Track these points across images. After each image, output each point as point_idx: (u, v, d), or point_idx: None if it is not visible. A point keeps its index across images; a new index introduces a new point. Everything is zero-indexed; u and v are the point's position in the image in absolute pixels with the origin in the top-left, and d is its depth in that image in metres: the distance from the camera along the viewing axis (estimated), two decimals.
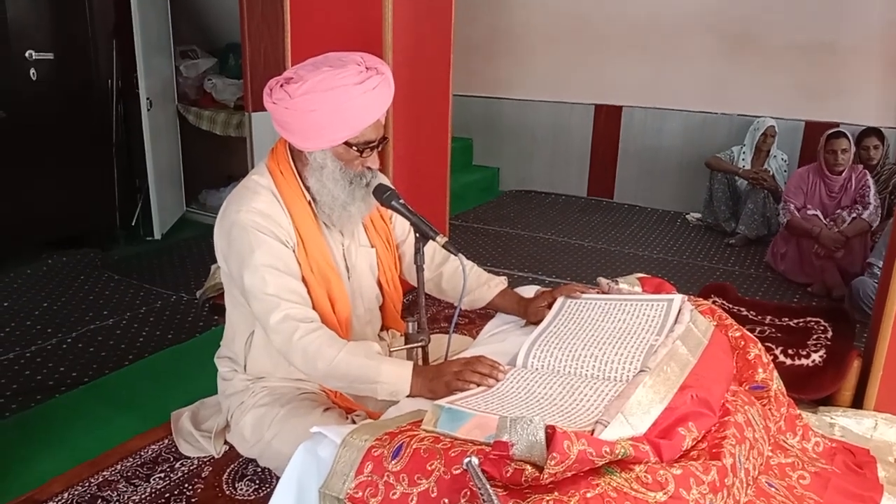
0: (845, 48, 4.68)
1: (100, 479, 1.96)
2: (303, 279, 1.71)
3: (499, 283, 1.99)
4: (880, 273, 2.40)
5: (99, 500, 1.88)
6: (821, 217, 3.95)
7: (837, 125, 4.24)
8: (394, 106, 1.75)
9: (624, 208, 5.50)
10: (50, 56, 3.65)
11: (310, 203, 1.75)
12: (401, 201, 1.71)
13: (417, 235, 1.68)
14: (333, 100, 1.59)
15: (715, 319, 1.81)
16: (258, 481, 1.92)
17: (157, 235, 4.30)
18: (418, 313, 1.73)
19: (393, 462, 1.21)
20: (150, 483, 1.94)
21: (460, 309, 1.75)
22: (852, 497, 1.61)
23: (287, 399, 1.81)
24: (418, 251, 1.69)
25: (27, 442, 2.16)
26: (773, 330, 2.80)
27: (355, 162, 1.70)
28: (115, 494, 1.90)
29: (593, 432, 1.23)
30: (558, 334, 1.67)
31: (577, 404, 1.38)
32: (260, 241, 1.65)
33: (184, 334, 3.00)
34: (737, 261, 4.33)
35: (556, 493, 1.08)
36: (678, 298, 1.73)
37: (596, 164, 5.69)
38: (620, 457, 1.14)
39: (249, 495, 1.88)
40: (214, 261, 1.84)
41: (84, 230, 4.02)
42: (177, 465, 2.01)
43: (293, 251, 1.70)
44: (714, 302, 2.84)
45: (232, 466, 1.97)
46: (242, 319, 1.84)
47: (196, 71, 4.71)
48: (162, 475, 1.98)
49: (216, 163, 4.79)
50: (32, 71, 3.59)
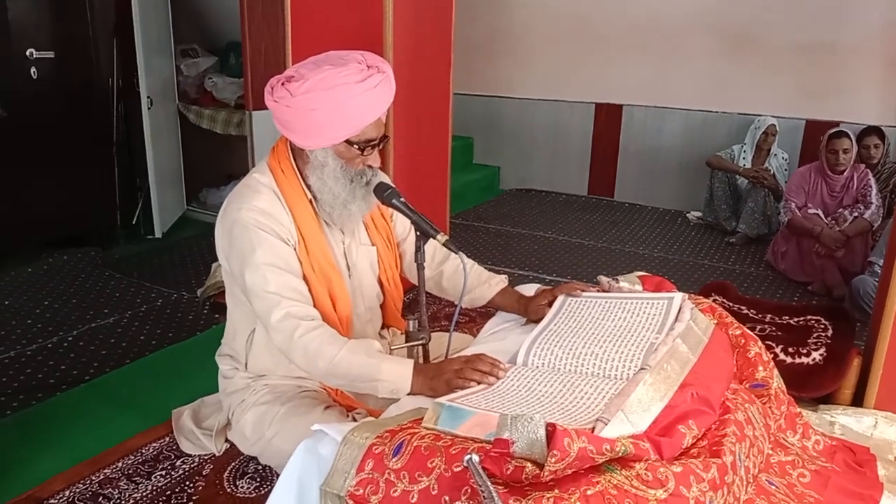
0: (845, 48, 4.68)
1: (101, 477, 1.96)
2: (304, 277, 1.71)
3: (499, 282, 1.99)
4: (881, 272, 2.40)
5: (100, 498, 1.88)
6: (822, 216, 3.95)
7: (838, 124, 4.24)
8: (394, 105, 1.75)
9: (624, 207, 5.49)
10: (50, 55, 3.65)
11: (311, 201, 1.75)
12: (401, 200, 1.71)
13: (418, 234, 1.69)
14: (335, 98, 1.59)
15: (715, 318, 1.81)
16: (259, 479, 1.92)
17: (158, 234, 4.30)
18: (419, 311, 1.73)
19: (394, 459, 1.21)
20: (152, 481, 1.95)
21: (461, 307, 1.75)
22: (852, 495, 1.61)
23: (288, 397, 1.81)
24: (419, 249, 1.70)
25: (28, 440, 2.17)
26: (774, 328, 2.80)
27: (356, 160, 1.70)
28: (117, 492, 1.90)
29: (594, 430, 1.24)
30: (559, 332, 1.67)
31: (578, 402, 1.39)
32: (261, 240, 1.66)
33: (184, 333, 3.00)
34: (737, 259, 4.33)
35: (557, 491, 1.08)
36: (678, 297, 1.73)
37: (596, 163, 5.69)
38: (621, 454, 1.15)
39: (250, 493, 1.88)
40: (215, 259, 1.85)
41: (85, 229, 4.02)
42: (178, 463, 2.02)
43: (294, 249, 1.71)
44: (714, 300, 2.83)
45: (233, 464, 1.97)
46: (243, 317, 1.84)
47: (196, 70, 4.70)
48: (163, 473, 1.98)
49: (217, 161, 4.79)
50: (33, 70, 3.59)
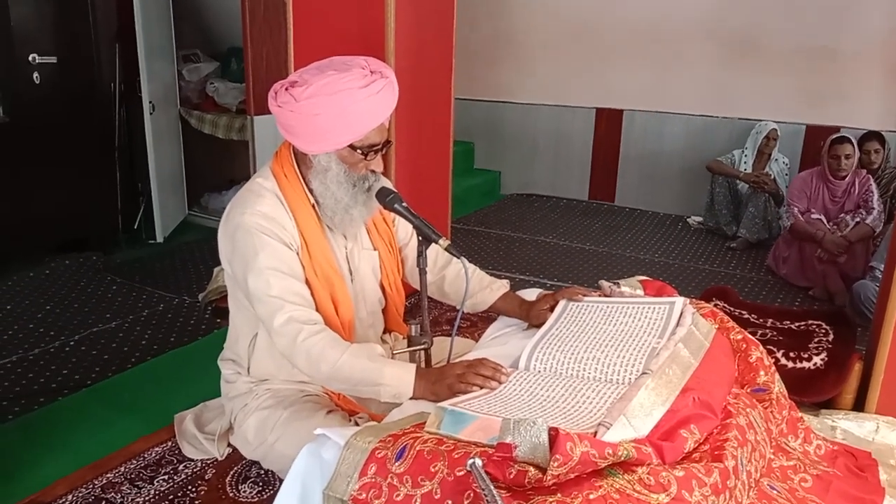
0: (846, 53, 4.69)
1: (103, 482, 1.96)
2: (306, 282, 1.72)
3: (501, 287, 1.99)
4: (881, 277, 2.41)
5: (103, 503, 1.88)
6: (824, 221, 3.95)
7: (838, 129, 4.25)
8: (396, 110, 1.76)
9: (625, 212, 5.50)
10: (53, 60, 3.66)
11: (313, 206, 1.76)
12: (403, 204, 1.72)
13: (420, 238, 1.69)
14: (338, 103, 1.60)
15: (716, 322, 1.82)
16: (261, 483, 1.92)
17: (160, 239, 4.31)
18: (421, 316, 1.73)
19: (396, 464, 1.21)
20: (154, 485, 1.95)
21: (462, 312, 1.76)
22: (854, 500, 1.61)
23: (290, 401, 1.81)
24: (421, 254, 1.70)
25: (30, 445, 2.17)
26: (775, 333, 2.80)
27: (359, 165, 1.71)
28: (119, 497, 1.90)
29: (596, 434, 1.24)
30: (560, 337, 1.67)
31: (580, 406, 1.39)
32: (264, 244, 1.66)
33: (186, 337, 3.01)
34: (738, 264, 4.33)
35: (559, 495, 1.08)
36: (680, 301, 1.73)
37: (597, 168, 5.70)
38: (623, 458, 1.15)
39: (253, 498, 1.88)
40: (216, 264, 1.86)
41: (86, 233, 4.03)
42: (180, 468, 2.02)
43: (297, 254, 1.71)
44: (715, 305, 2.84)
45: (235, 469, 1.97)
46: (246, 322, 1.84)
47: (198, 75, 4.72)
48: (165, 477, 1.98)
49: (218, 166, 4.80)
50: (36, 74, 3.61)
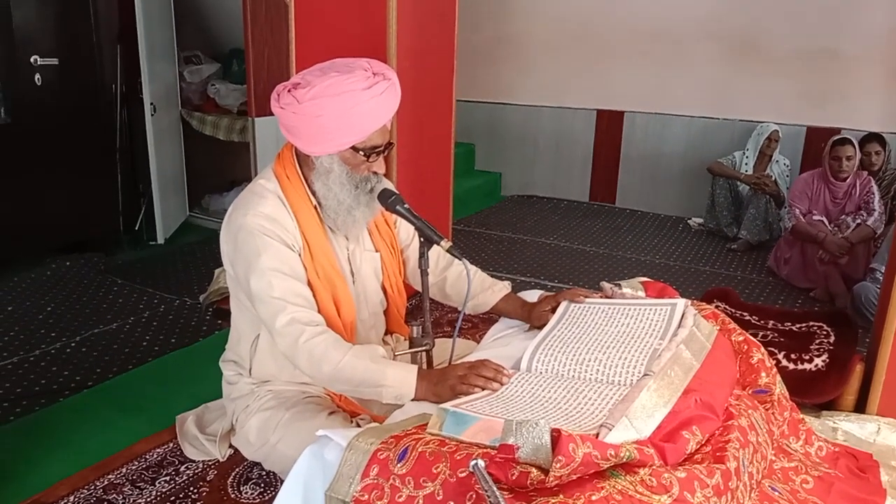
0: (847, 54, 4.69)
1: (105, 483, 1.96)
2: (308, 283, 1.72)
3: (502, 288, 2.00)
4: (882, 278, 2.41)
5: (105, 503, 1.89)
6: (825, 222, 3.95)
7: (839, 131, 4.25)
8: (398, 111, 1.76)
9: (626, 213, 5.50)
10: (55, 61, 3.67)
11: (315, 207, 1.76)
12: (405, 206, 1.72)
13: (422, 240, 1.69)
14: (341, 105, 1.60)
15: (718, 324, 1.82)
16: (263, 485, 1.92)
17: (161, 240, 4.31)
18: (422, 317, 1.74)
19: (399, 465, 1.21)
20: (156, 486, 1.95)
21: (464, 313, 1.76)
22: (855, 501, 1.61)
23: (292, 402, 1.82)
24: (422, 256, 1.70)
25: (32, 445, 2.17)
26: (776, 334, 2.80)
27: (361, 167, 1.71)
28: (121, 498, 1.90)
29: (598, 435, 1.24)
30: (562, 338, 1.67)
31: (582, 408, 1.39)
32: (266, 245, 1.66)
33: (187, 338, 3.00)
34: (739, 266, 4.33)
35: (562, 496, 1.08)
36: (681, 303, 1.74)
37: (598, 170, 5.70)
38: (625, 460, 1.15)
39: (254, 499, 1.88)
40: (218, 265, 1.86)
41: (88, 235, 4.04)
42: (182, 469, 2.02)
43: (299, 255, 1.71)
44: (717, 307, 2.84)
45: (237, 470, 1.97)
46: (248, 323, 1.85)
47: (199, 76, 4.72)
48: (167, 479, 1.98)
49: (219, 168, 4.81)
50: (37, 76, 3.61)
